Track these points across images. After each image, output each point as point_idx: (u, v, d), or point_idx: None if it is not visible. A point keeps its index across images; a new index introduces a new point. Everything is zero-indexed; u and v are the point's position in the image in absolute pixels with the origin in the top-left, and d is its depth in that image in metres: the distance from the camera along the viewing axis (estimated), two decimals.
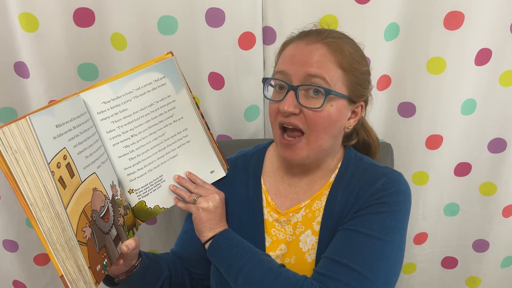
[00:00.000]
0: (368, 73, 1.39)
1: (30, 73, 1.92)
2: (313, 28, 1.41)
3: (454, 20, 1.88)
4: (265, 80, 1.42)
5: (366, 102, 1.43)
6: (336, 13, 1.91)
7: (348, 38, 1.38)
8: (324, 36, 1.31)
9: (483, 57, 1.96)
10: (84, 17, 1.86)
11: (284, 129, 1.37)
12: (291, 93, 1.30)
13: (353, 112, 1.40)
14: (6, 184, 2.05)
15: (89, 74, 1.98)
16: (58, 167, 1.05)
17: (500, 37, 1.93)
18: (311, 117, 1.30)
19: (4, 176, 0.95)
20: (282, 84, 1.34)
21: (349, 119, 1.39)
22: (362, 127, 1.56)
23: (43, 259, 2.32)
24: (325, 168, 1.46)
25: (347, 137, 1.51)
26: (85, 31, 1.88)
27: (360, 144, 1.57)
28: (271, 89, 1.41)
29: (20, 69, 1.93)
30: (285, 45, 1.40)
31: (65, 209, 1.04)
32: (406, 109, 2.09)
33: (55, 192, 1.02)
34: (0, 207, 2.15)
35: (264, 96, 1.43)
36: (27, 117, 0.99)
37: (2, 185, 2.09)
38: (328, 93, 1.27)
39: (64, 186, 1.05)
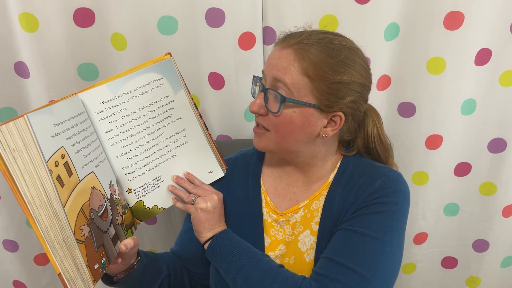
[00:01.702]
0: (348, 83, 1.29)
1: (30, 73, 1.92)
2: (302, 30, 1.37)
3: (454, 20, 1.88)
4: (253, 78, 1.44)
5: (347, 113, 1.34)
6: (336, 13, 1.91)
7: (330, 43, 1.29)
8: (298, 41, 1.28)
9: (483, 57, 1.96)
10: (84, 17, 1.86)
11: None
12: (261, 94, 1.34)
13: (332, 120, 1.35)
14: (6, 184, 2.06)
15: (89, 74, 1.98)
16: (56, 166, 1.05)
17: (500, 37, 1.93)
18: (272, 120, 1.32)
19: (3, 176, 0.96)
20: (259, 84, 1.38)
21: (325, 127, 1.35)
22: (362, 139, 1.49)
23: (43, 259, 2.32)
24: (319, 170, 1.46)
25: (346, 146, 1.50)
26: (85, 31, 1.88)
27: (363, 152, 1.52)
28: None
29: (20, 69, 1.93)
30: (274, 45, 1.39)
31: (63, 207, 1.04)
32: (406, 109, 2.09)
33: (53, 190, 1.02)
34: (0, 207, 2.16)
35: (252, 93, 1.45)
36: (25, 115, 1.00)
37: (2, 185, 2.09)
38: (283, 100, 1.27)
39: (62, 184, 1.06)
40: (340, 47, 1.29)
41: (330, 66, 1.26)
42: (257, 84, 1.42)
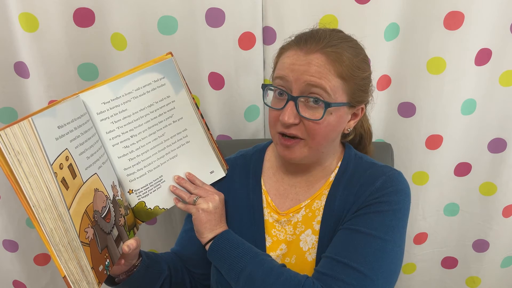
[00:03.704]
0: (369, 77, 1.37)
1: (30, 73, 1.92)
2: (312, 30, 1.38)
3: (454, 20, 1.88)
4: (264, 87, 1.42)
5: (366, 103, 1.42)
6: (336, 13, 1.91)
7: (348, 40, 1.34)
8: (323, 45, 1.28)
9: (483, 57, 1.96)
10: (84, 17, 1.86)
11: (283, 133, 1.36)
12: (291, 103, 1.30)
13: (353, 114, 1.39)
14: (6, 184, 2.05)
15: (89, 74, 1.98)
16: (61, 168, 1.05)
17: (500, 37, 1.93)
18: (311, 127, 1.30)
19: (5, 177, 0.95)
20: (282, 92, 1.33)
21: (349, 121, 1.39)
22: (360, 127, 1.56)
23: (43, 259, 2.32)
24: (325, 168, 1.46)
25: (344, 134, 1.50)
26: (85, 31, 1.88)
27: (354, 137, 1.57)
28: (270, 93, 1.41)
29: (20, 69, 1.93)
30: (283, 49, 1.38)
31: (68, 210, 1.04)
32: (406, 109, 2.09)
33: (58, 193, 1.02)
34: (0, 207, 2.15)
35: (264, 103, 1.42)
36: (29, 118, 0.99)
37: (2, 185, 2.10)
38: (328, 106, 1.26)
39: (66, 187, 1.06)
40: (356, 44, 1.36)
41: (356, 65, 1.30)
42: (270, 92, 1.40)
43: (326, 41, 1.29)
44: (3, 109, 1.99)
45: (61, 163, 1.05)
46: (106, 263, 1.18)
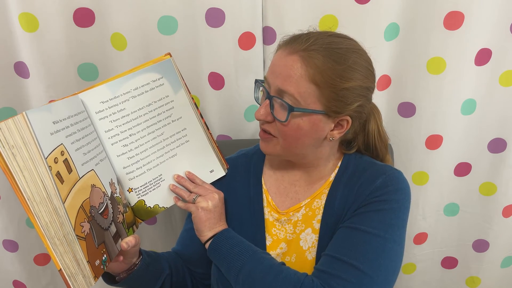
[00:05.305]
0: (356, 88, 1.28)
1: (30, 73, 1.92)
2: (307, 31, 1.35)
3: (454, 20, 1.88)
4: (256, 82, 1.43)
5: (354, 117, 1.34)
6: (336, 13, 1.91)
7: (335, 47, 1.27)
8: (303, 48, 1.25)
9: (483, 57, 1.96)
10: (84, 17, 1.86)
11: None
12: (266, 101, 1.32)
13: (339, 124, 1.35)
14: (6, 184, 2.05)
15: (89, 74, 1.98)
16: (56, 162, 1.05)
17: (500, 37, 1.94)
18: (280, 128, 1.31)
19: (3, 174, 0.96)
20: (263, 90, 1.36)
21: (332, 130, 1.35)
22: (362, 137, 1.50)
23: (43, 259, 2.32)
24: (321, 171, 1.46)
25: (346, 144, 1.50)
26: (85, 31, 1.89)
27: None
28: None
29: (20, 69, 1.93)
30: (277, 48, 1.38)
31: (63, 203, 1.05)
32: (406, 109, 2.09)
33: (53, 186, 1.03)
34: (0, 207, 2.16)
35: (254, 98, 1.44)
36: (23, 112, 1.00)
37: (2, 185, 2.10)
38: (291, 110, 1.25)
39: (61, 181, 1.06)
40: (347, 51, 1.27)
41: (338, 73, 1.24)
42: (260, 88, 1.41)
43: (308, 44, 1.26)
44: (3, 109, 2.00)
45: (56, 157, 1.06)
46: (103, 258, 1.18)
